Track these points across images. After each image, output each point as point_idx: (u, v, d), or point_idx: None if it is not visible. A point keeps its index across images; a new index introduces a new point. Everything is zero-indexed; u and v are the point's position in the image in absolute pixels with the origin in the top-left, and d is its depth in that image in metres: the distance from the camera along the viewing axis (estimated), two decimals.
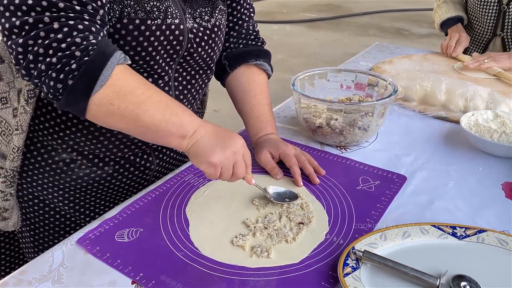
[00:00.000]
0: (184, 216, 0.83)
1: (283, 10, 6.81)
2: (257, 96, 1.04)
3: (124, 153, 0.92)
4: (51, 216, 0.95)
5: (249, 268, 0.71)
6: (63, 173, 0.91)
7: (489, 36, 1.74)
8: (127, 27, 0.77)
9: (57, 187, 0.92)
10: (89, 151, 0.90)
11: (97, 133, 0.87)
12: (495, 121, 1.10)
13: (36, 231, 0.97)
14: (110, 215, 0.83)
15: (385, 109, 1.06)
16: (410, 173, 0.97)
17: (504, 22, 1.66)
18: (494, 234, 0.74)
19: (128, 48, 0.79)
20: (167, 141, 0.75)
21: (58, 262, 0.72)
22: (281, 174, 0.94)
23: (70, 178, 0.91)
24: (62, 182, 0.92)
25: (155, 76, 0.86)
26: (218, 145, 0.75)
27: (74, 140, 0.87)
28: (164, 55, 0.84)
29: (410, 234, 0.75)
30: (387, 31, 5.80)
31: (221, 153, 0.74)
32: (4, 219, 0.92)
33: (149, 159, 0.97)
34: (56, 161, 0.90)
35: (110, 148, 0.90)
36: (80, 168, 0.91)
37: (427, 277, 0.65)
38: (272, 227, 0.79)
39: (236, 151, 0.76)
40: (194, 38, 0.87)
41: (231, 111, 1.10)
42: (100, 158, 0.91)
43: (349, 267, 0.68)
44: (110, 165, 0.93)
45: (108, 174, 0.94)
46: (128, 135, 0.88)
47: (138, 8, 0.77)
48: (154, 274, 0.69)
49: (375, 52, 1.84)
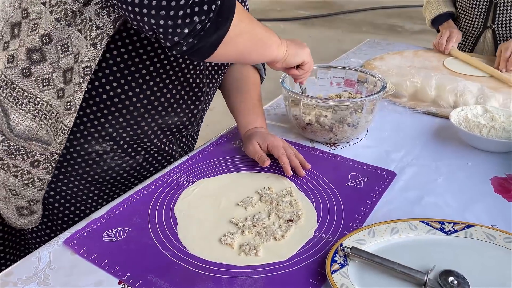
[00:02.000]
0: (173, 215, 0.82)
1: (277, 8, 6.80)
2: (249, 92, 1.07)
3: (159, 139, 0.96)
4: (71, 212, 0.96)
5: (237, 267, 0.70)
6: (95, 164, 0.92)
7: (479, 29, 1.73)
8: None
9: (84, 179, 0.93)
10: (125, 140, 0.92)
11: (139, 118, 0.90)
12: (484, 116, 1.10)
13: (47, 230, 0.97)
14: (98, 215, 0.82)
15: (374, 105, 1.05)
16: (399, 169, 0.97)
17: (496, 13, 1.65)
18: (482, 229, 0.74)
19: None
20: (270, 50, 0.87)
21: (45, 263, 0.71)
22: (268, 161, 0.94)
23: (101, 169, 0.93)
24: (92, 175, 0.93)
25: (193, 64, 0.91)
26: (298, 48, 0.94)
27: (114, 127, 0.89)
28: None
29: (398, 230, 0.75)
30: (381, 27, 5.80)
31: (302, 50, 0.95)
32: (31, 213, 0.92)
33: (174, 147, 1.02)
34: (89, 153, 0.90)
35: (148, 134, 0.93)
36: (113, 159, 0.93)
37: (415, 272, 0.65)
38: (261, 225, 0.79)
39: (308, 50, 0.97)
40: None
41: (225, 109, 1.12)
42: (133, 148, 0.94)
43: (337, 264, 0.68)
44: (141, 154, 0.96)
45: (138, 163, 0.97)
46: (166, 120, 0.94)
47: None
48: (141, 274, 0.69)
49: (366, 48, 1.84)
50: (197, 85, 0.96)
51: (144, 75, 0.86)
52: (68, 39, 0.78)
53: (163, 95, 0.90)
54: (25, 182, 0.87)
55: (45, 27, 0.77)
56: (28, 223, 0.94)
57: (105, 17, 0.77)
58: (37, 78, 0.80)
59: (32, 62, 0.79)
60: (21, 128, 0.82)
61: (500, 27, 1.68)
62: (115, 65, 0.83)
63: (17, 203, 0.90)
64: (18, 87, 0.81)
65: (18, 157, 0.84)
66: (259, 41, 0.83)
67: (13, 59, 0.80)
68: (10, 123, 0.82)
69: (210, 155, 1.03)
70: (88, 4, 0.76)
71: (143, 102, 0.89)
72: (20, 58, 0.79)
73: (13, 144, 0.83)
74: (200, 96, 0.98)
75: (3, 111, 0.81)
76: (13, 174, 0.86)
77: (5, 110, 0.81)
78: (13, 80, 0.81)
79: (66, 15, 0.76)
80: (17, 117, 0.82)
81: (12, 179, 0.86)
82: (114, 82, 0.85)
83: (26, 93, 0.81)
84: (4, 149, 0.83)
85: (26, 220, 0.93)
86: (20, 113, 0.81)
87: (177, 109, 0.95)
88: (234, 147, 1.07)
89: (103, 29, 0.77)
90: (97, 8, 0.76)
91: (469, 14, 1.73)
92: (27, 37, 0.78)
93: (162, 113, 0.92)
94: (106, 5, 0.76)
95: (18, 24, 0.79)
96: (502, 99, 1.22)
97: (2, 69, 0.80)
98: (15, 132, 0.83)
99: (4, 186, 0.88)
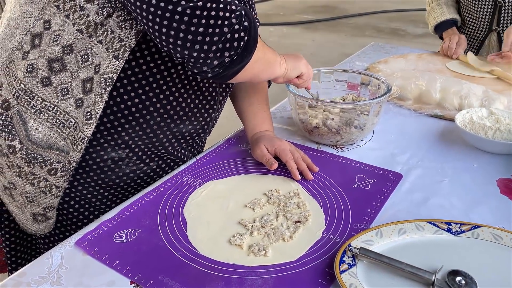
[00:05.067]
0: (182, 217, 0.83)
1: (280, 12, 6.83)
2: (257, 95, 1.09)
3: (173, 147, 0.97)
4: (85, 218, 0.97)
5: (246, 267, 0.71)
6: (110, 171, 0.93)
7: (484, 32, 1.73)
8: None
9: (99, 186, 0.94)
10: (141, 148, 0.93)
11: (155, 127, 0.91)
12: (489, 118, 1.11)
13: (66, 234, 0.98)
14: (108, 217, 0.83)
15: (380, 107, 1.06)
16: (405, 171, 0.97)
17: (500, 16, 1.66)
18: (489, 229, 0.75)
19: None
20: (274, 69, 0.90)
21: (57, 264, 0.73)
22: (276, 164, 0.95)
23: (116, 175, 0.94)
24: (106, 181, 0.94)
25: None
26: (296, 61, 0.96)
27: (130, 135, 0.90)
28: None
29: (405, 231, 0.76)
30: (383, 31, 5.81)
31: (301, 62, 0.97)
32: (47, 220, 0.93)
33: (185, 153, 1.03)
34: (104, 160, 0.91)
35: (163, 142, 0.94)
36: (128, 165, 0.94)
37: (423, 272, 0.66)
38: (269, 226, 0.80)
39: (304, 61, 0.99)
40: None
41: (229, 113, 1.13)
42: (148, 155, 0.95)
43: (346, 264, 0.69)
44: (154, 160, 0.97)
45: (152, 169, 0.98)
46: (181, 128, 0.96)
47: None
48: (153, 274, 0.70)
49: (371, 52, 1.85)
50: (210, 94, 0.98)
51: (161, 86, 0.88)
52: (89, 50, 0.79)
53: (178, 104, 0.92)
54: (41, 190, 0.88)
55: (67, 38, 0.79)
56: (42, 229, 0.95)
57: (128, 30, 0.79)
58: (56, 87, 0.81)
59: (52, 72, 0.81)
60: (39, 136, 0.83)
61: (505, 30, 1.68)
62: (133, 75, 0.85)
63: (33, 210, 0.91)
64: (37, 96, 0.82)
65: (36, 165, 0.85)
66: (268, 63, 0.88)
67: (33, 69, 0.81)
68: (28, 132, 0.83)
69: (217, 157, 1.04)
70: (110, 17, 0.77)
71: (159, 112, 0.90)
72: (40, 68, 0.81)
73: (31, 152, 0.84)
74: (213, 104, 1.00)
75: (21, 120, 0.83)
76: (30, 181, 0.87)
77: (23, 118, 0.83)
78: (32, 89, 0.82)
79: (88, 27, 0.78)
80: (35, 125, 0.83)
81: (29, 186, 0.88)
82: (132, 92, 0.86)
83: (45, 101, 0.82)
84: (22, 157, 0.84)
85: (41, 226, 0.94)
86: (38, 122, 0.83)
87: (192, 118, 0.96)
88: (241, 150, 1.08)
89: (126, 41, 0.79)
90: (119, 21, 0.78)
91: (474, 17, 1.73)
92: (48, 47, 0.80)
93: (177, 122, 0.94)
94: (128, 18, 0.78)
95: (39, 34, 0.80)
96: (507, 101, 1.22)
97: (21, 78, 0.82)
98: (33, 140, 0.84)
99: (20, 193, 0.89)
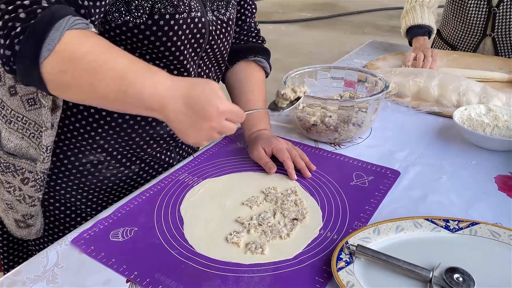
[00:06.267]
0: (179, 215, 0.83)
1: (279, 10, 6.81)
2: (253, 92, 1.06)
3: (153, 149, 0.94)
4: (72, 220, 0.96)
5: (243, 265, 0.71)
6: (90, 174, 0.91)
7: (479, 37, 1.70)
8: (158, 23, 0.78)
9: (81, 189, 0.93)
10: (118, 151, 0.91)
11: (129, 130, 0.88)
12: (487, 115, 1.11)
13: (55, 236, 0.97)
14: (104, 215, 0.83)
15: (378, 104, 1.06)
16: (403, 168, 0.97)
17: (495, 22, 1.63)
18: (486, 226, 0.75)
19: (158, 43, 0.80)
20: (137, 112, 0.68)
21: (53, 262, 0.72)
22: (275, 168, 0.95)
23: (96, 179, 0.92)
24: (88, 184, 0.92)
25: (184, 74, 0.88)
26: (191, 127, 0.67)
27: (105, 139, 0.88)
28: (189, 49, 0.86)
29: (403, 228, 0.75)
30: (383, 29, 5.80)
31: (196, 133, 0.68)
32: (28, 226, 0.92)
33: (171, 155, 1.01)
34: (83, 163, 0.90)
35: (140, 145, 0.92)
36: (108, 169, 0.92)
37: (420, 270, 0.66)
38: (266, 224, 0.80)
39: (213, 124, 0.67)
40: (214, 31, 0.90)
41: None
42: (128, 158, 0.93)
43: (343, 261, 0.68)
44: (136, 163, 0.95)
45: (134, 172, 0.96)
46: (158, 130, 0.91)
47: (167, 3, 0.79)
48: (149, 272, 0.69)
49: (369, 49, 1.84)
50: None
51: None
52: None
53: None
54: (17, 198, 0.87)
55: None
56: (27, 234, 0.94)
57: None
58: (22, 97, 0.80)
59: (16, 81, 0.79)
60: (12, 146, 0.83)
61: (500, 36, 1.65)
62: None
63: (14, 216, 0.91)
64: (6, 105, 0.80)
65: (9, 174, 0.85)
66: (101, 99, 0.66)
67: (1, 77, 0.80)
68: (1, 141, 0.83)
69: (215, 155, 1.04)
70: None
71: (131, 114, 0.86)
72: (7, 76, 0.79)
73: (3, 161, 0.84)
74: None
75: None
76: (7, 189, 0.87)
77: None
78: (3, 98, 0.81)
79: None
80: (7, 135, 0.82)
81: (6, 194, 0.87)
82: None
83: (14, 111, 0.81)
84: None
85: (24, 232, 0.93)
86: (10, 132, 0.82)
87: None
88: (238, 147, 1.07)
89: None
90: None
91: (468, 23, 1.69)
92: None
93: (153, 124, 0.90)
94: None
95: None
96: (505, 98, 1.22)
97: None
98: (6, 149, 0.83)
99: (1, 200, 0.89)
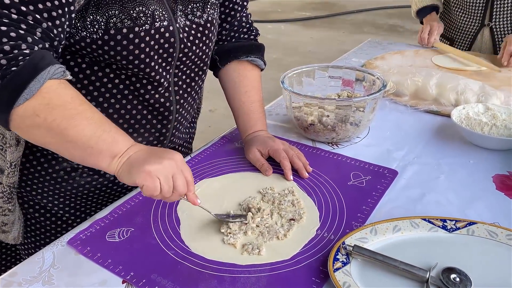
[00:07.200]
0: (175, 215, 0.83)
1: (278, 9, 6.81)
2: (248, 93, 1.04)
3: None
4: (52, 223, 0.95)
5: (239, 265, 0.71)
6: (64, 181, 0.90)
7: (477, 27, 1.72)
8: (115, 38, 0.76)
9: (57, 195, 0.92)
10: None
11: None
12: (486, 114, 1.10)
13: (37, 237, 0.96)
14: (101, 216, 0.83)
15: (376, 103, 1.06)
16: (401, 168, 0.97)
17: (493, 11, 1.64)
18: (484, 226, 0.75)
19: (119, 58, 0.78)
20: (96, 159, 0.69)
21: (49, 263, 0.72)
22: (271, 170, 0.94)
23: (71, 186, 0.91)
24: (63, 191, 0.91)
25: (154, 84, 0.85)
26: (153, 156, 0.69)
27: None
28: (158, 60, 0.83)
29: (400, 228, 0.75)
30: (382, 28, 5.80)
31: (156, 162, 0.68)
32: (4, 232, 0.92)
33: None
34: (56, 170, 0.89)
35: None
36: (82, 176, 0.91)
37: (417, 270, 0.65)
38: (264, 225, 0.79)
39: (173, 160, 0.70)
40: (187, 37, 0.86)
41: (227, 111, 1.11)
42: None
43: (340, 262, 0.68)
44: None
45: (110, 181, 0.94)
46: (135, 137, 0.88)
47: (124, 16, 0.76)
48: (145, 273, 0.69)
49: (368, 48, 1.84)
50: (163, 105, 0.89)
51: (103, 94, 0.83)
52: None
53: (120, 116, 0.86)
54: None
55: None
56: (5, 238, 0.93)
57: None
58: None
59: None
60: None
61: (498, 25, 1.67)
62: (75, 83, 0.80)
63: None
64: None
65: None
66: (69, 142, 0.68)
67: None
68: None
69: (212, 155, 1.03)
70: None
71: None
72: None
73: None
74: (168, 115, 0.92)
75: None
76: None
77: None
78: None
79: None
80: None
81: None
82: None
83: None
84: None
85: (2, 236, 0.93)
86: None
87: (140, 130, 0.89)
88: (236, 148, 1.07)
89: None
90: None
91: (466, 12, 1.72)
92: None
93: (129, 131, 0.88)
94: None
95: None
96: (504, 97, 1.22)
97: None
98: None
99: None
